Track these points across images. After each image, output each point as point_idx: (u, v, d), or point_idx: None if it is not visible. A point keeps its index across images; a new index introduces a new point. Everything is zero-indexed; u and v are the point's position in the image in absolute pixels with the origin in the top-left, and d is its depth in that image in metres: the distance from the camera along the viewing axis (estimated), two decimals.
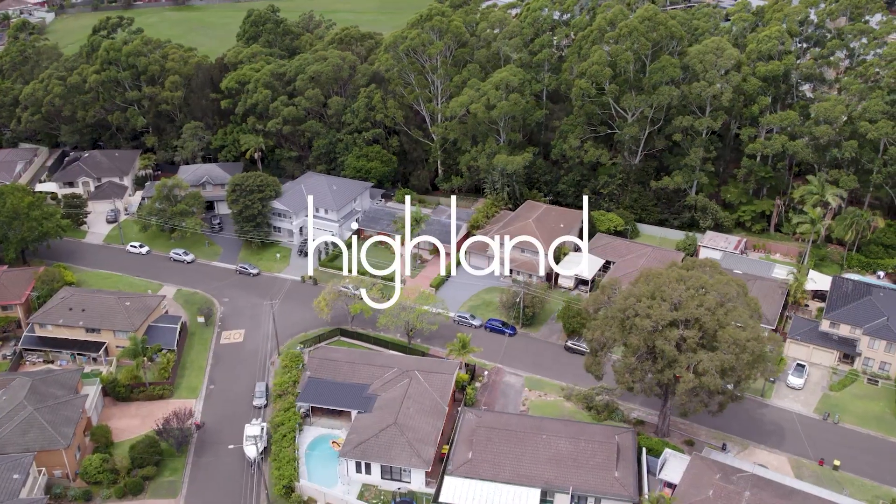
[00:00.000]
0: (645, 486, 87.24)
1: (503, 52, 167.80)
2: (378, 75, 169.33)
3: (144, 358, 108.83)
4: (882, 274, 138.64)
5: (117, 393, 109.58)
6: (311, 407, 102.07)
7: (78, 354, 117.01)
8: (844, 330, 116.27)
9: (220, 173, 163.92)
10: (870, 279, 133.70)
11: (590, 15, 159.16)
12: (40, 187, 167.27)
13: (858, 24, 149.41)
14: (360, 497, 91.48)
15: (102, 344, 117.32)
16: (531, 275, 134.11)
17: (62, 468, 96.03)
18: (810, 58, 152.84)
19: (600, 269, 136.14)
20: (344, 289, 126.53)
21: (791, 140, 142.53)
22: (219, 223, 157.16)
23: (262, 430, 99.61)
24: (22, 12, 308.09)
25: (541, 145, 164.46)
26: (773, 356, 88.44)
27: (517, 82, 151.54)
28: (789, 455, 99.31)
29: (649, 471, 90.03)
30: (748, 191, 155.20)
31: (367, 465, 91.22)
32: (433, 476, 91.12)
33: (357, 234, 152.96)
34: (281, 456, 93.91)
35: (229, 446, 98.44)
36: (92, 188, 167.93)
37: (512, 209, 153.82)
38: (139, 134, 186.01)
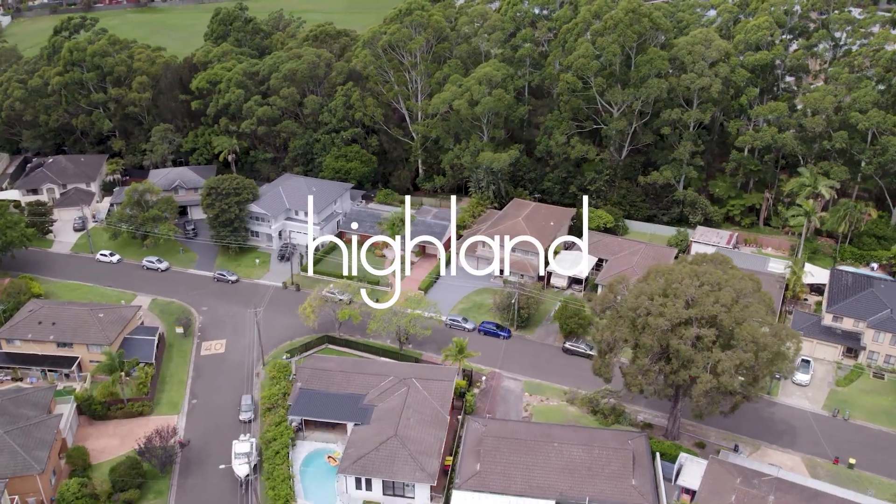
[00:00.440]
0: (662, 495, 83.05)
1: (484, 48, 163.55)
2: (355, 73, 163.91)
3: (122, 373, 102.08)
4: (876, 266, 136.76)
5: (93, 411, 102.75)
6: (304, 420, 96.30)
7: (49, 371, 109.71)
8: (847, 323, 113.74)
9: (193, 177, 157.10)
10: (864, 271, 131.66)
11: (572, 8, 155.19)
12: (2, 195, 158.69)
13: (844, 13, 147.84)
14: None
15: (75, 359, 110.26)
16: (522, 275, 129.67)
17: (36, 495, 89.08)
18: (797, 48, 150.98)
19: (593, 268, 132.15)
20: (330, 294, 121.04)
21: (780, 132, 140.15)
22: (193, 229, 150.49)
23: (251, 446, 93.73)
24: None
25: (524, 142, 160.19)
26: (793, 353, 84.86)
27: (500, 77, 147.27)
28: (803, 454, 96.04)
29: (665, 477, 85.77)
30: (736, 185, 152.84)
31: (368, 481, 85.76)
32: (438, 490, 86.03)
33: (339, 237, 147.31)
34: (275, 474, 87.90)
35: (220, 466, 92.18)
36: (57, 195, 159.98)
37: (498, 208, 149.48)
38: (105, 138, 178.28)
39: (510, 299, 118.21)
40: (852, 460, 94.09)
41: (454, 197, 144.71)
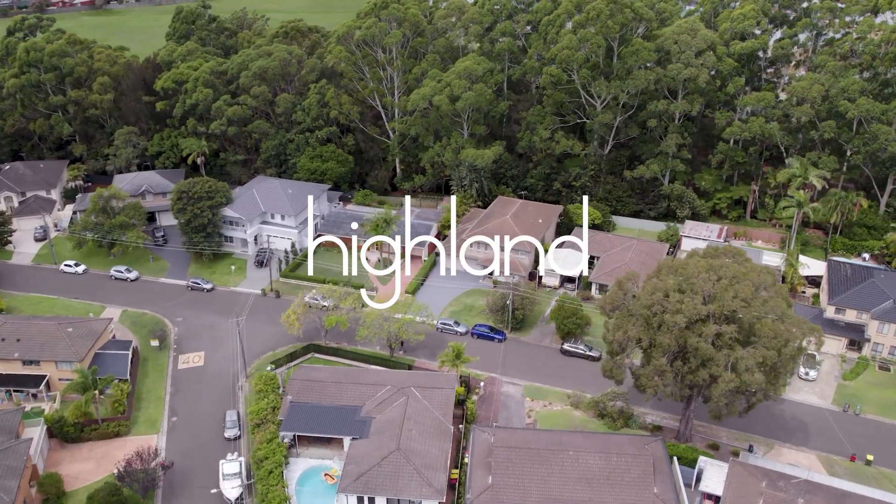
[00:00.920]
0: (685, 502, 78.51)
1: (462, 42, 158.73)
2: (328, 70, 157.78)
3: (96, 391, 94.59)
4: (867, 256, 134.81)
5: (65, 433, 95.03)
6: (296, 436, 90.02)
7: (15, 391, 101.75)
8: (850, 315, 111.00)
9: (161, 181, 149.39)
10: (857, 262, 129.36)
11: (552, 0, 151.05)
12: None
13: (826, 1, 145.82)
14: None
15: (43, 377, 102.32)
16: (514, 275, 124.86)
17: None
18: (779, 37, 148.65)
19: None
20: (314, 301, 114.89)
21: (767, 123, 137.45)
22: (163, 236, 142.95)
23: (240, 465, 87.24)
24: None
25: (504, 139, 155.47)
26: (815, 348, 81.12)
27: (481, 71, 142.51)
28: (818, 452, 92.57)
29: (684, 483, 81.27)
30: (722, 177, 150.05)
31: (371, 500, 79.77)
32: None
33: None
34: (270, 496, 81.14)
35: (211, 490, 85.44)
36: (16, 203, 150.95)
37: (482, 206, 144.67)
38: (65, 143, 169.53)
39: (505, 300, 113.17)
40: (870, 456, 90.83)
41: (454, 198, 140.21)
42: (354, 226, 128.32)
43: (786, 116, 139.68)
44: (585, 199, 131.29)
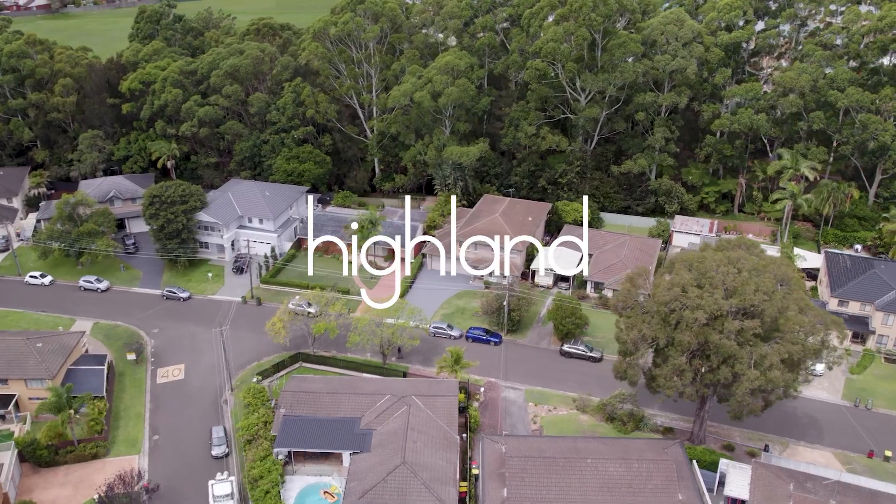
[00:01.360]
0: None
1: (441, 37, 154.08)
2: (302, 68, 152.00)
3: (71, 410, 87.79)
4: (860, 247, 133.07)
5: (38, 457, 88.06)
6: (291, 452, 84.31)
7: None
8: (854, 308, 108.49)
9: (130, 186, 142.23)
10: (850, 253, 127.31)
11: None
12: None
13: None
14: None
15: (12, 397, 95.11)
16: (505, 276, 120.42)
17: None
18: (763, 28, 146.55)
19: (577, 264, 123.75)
20: (299, 308, 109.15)
21: (756, 114, 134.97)
22: (133, 243, 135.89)
23: (232, 485, 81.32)
24: None
25: (486, 136, 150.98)
26: (840, 342, 77.94)
27: (464, 66, 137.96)
28: (834, 449, 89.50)
29: (707, 487, 77.32)
30: (709, 171, 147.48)
31: None
32: None
33: (298, 245, 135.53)
34: None
35: None
36: None
37: (467, 205, 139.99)
38: (26, 149, 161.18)
39: (500, 301, 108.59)
40: (888, 452, 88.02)
41: (454, 198, 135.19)
42: (355, 226, 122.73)
43: (772, 108, 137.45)
44: (585, 199, 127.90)
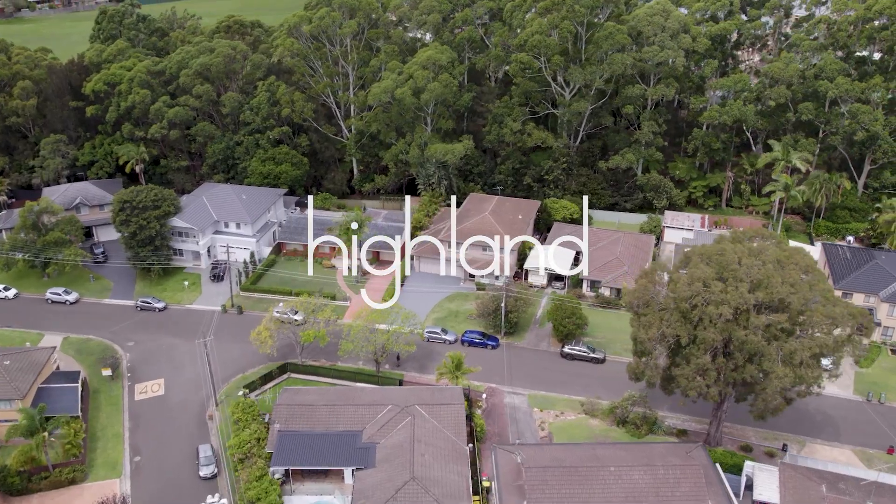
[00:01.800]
0: None
1: (420, 33, 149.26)
2: (275, 67, 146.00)
3: (45, 433, 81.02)
4: (851, 239, 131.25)
5: (9, 485, 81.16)
6: (289, 470, 78.59)
7: None
8: (858, 299, 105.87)
9: (98, 192, 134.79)
10: (843, 244, 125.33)
11: None
12: None
13: None
14: None
15: None
16: (497, 276, 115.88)
17: None
18: (748, 19, 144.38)
19: (571, 262, 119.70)
20: (285, 316, 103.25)
21: (744, 106, 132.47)
22: (103, 252, 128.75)
23: None
24: None
25: (468, 133, 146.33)
26: (866, 334, 74.70)
27: (445, 61, 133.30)
28: (852, 447, 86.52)
29: (733, 491, 73.41)
30: (696, 165, 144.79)
31: None
32: None
33: (278, 250, 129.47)
34: None
35: None
36: None
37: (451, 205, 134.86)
38: None
39: (497, 303, 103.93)
40: None
41: (454, 198, 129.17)
42: (355, 226, 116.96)
43: (757, 99, 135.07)
44: (585, 199, 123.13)
